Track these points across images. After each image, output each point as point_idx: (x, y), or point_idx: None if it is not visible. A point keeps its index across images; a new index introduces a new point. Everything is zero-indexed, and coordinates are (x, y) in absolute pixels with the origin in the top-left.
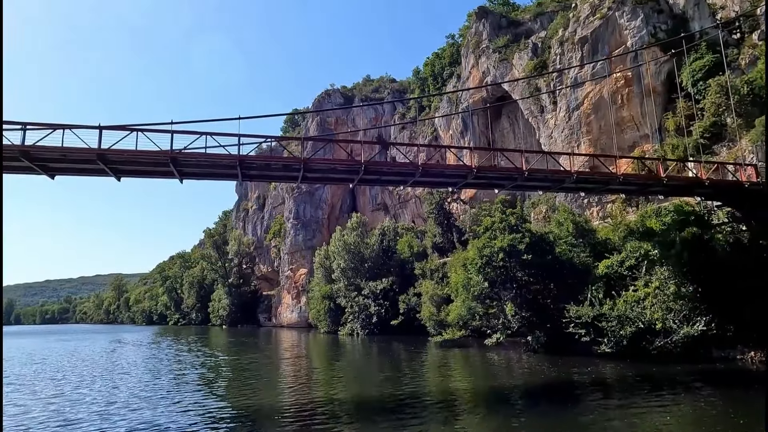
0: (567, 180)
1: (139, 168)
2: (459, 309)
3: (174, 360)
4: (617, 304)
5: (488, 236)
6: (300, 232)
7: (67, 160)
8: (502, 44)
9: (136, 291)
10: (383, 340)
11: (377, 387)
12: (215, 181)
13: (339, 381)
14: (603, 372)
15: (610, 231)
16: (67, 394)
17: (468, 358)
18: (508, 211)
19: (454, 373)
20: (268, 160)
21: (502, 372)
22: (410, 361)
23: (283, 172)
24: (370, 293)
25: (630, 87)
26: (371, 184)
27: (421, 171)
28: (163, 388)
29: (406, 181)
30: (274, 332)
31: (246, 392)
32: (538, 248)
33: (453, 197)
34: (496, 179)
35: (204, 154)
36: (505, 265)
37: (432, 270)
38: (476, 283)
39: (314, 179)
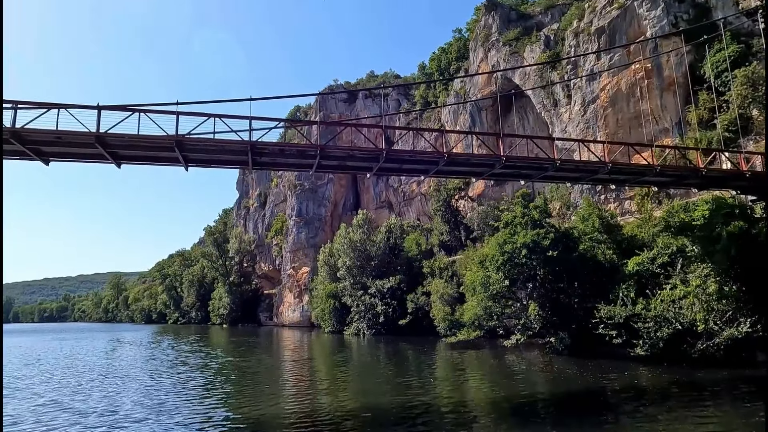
0: (601, 171)
1: (141, 153)
2: (474, 309)
3: (175, 362)
4: (653, 304)
5: (508, 232)
6: (302, 229)
7: (62, 143)
8: (513, 37)
9: (135, 289)
10: (390, 340)
11: (389, 394)
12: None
13: (347, 386)
14: (638, 377)
15: (636, 226)
16: (62, 401)
17: (484, 360)
18: (531, 206)
19: (472, 378)
20: (282, 146)
21: (525, 376)
22: (422, 364)
23: (297, 159)
24: (376, 292)
25: (649, 79)
26: (391, 173)
27: (447, 159)
28: (164, 393)
29: (428, 171)
30: (276, 332)
31: (251, 399)
32: (561, 245)
33: (460, 194)
34: (525, 169)
35: (212, 139)
36: (527, 262)
37: (441, 268)
38: (495, 281)
39: (330, 168)
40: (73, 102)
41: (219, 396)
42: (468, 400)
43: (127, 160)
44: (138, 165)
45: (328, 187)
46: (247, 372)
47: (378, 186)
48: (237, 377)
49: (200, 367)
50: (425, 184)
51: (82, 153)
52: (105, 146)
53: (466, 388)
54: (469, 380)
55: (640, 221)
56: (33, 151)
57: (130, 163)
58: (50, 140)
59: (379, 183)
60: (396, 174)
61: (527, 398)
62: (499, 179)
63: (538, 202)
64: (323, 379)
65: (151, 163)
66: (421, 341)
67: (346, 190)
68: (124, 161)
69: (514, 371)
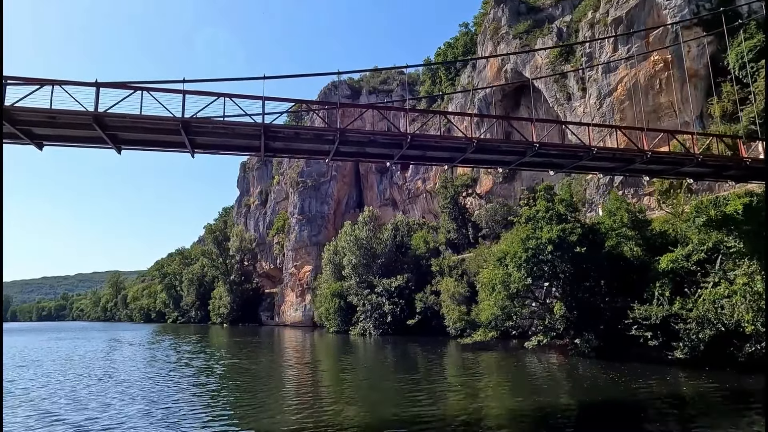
0: (638, 160)
1: (143, 136)
2: (492, 308)
3: (177, 364)
4: (697, 303)
5: (531, 227)
6: (305, 227)
7: (57, 124)
8: (523, 30)
9: (134, 288)
10: (398, 341)
11: (403, 402)
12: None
13: (357, 393)
14: (677, 383)
15: (663, 222)
16: (59, 412)
17: (503, 363)
18: (556, 199)
19: (492, 384)
20: (298, 129)
21: (551, 381)
22: (435, 367)
23: (313, 145)
24: (383, 291)
25: (669, 71)
26: (414, 161)
27: (476, 146)
28: (166, 401)
29: (454, 159)
30: (277, 331)
31: (256, 408)
32: (587, 240)
33: (468, 191)
34: (558, 158)
35: (222, 120)
36: (553, 258)
37: (450, 267)
38: (517, 279)
39: (348, 155)
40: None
41: (224, 402)
42: (490, 409)
43: (128, 145)
44: (139, 150)
45: (331, 184)
46: (251, 376)
47: (382, 183)
48: (242, 382)
49: (203, 370)
50: (431, 181)
51: (78, 136)
52: (104, 128)
53: (486, 395)
54: (489, 386)
55: (670, 216)
56: (24, 133)
57: (131, 148)
58: (43, 120)
59: (383, 180)
60: (418, 162)
61: (555, 407)
62: (528, 169)
63: (563, 195)
64: (330, 384)
65: (154, 148)
66: (430, 342)
67: (350, 188)
68: (124, 146)
69: (538, 375)
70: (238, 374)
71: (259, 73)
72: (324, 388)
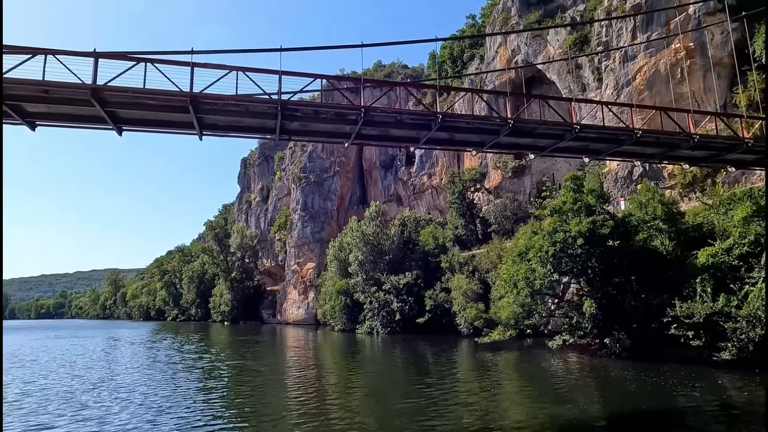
0: (683, 144)
1: (146, 115)
2: (512, 306)
3: (179, 366)
4: (748, 300)
5: (557, 220)
6: (308, 224)
7: (50, 99)
8: (534, 20)
9: (133, 286)
10: (408, 339)
11: (423, 412)
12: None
13: (369, 399)
14: (726, 387)
15: (695, 214)
16: (54, 423)
17: (525, 364)
18: (585, 189)
19: (518, 389)
20: (318, 107)
21: (585, 385)
22: (450, 368)
23: (333, 125)
24: (391, 288)
25: (692, 59)
26: (440, 145)
27: (511, 127)
28: (168, 408)
29: (484, 143)
30: (279, 330)
31: (263, 416)
32: (617, 234)
33: (476, 186)
34: (597, 142)
35: (235, 96)
36: (582, 252)
37: (460, 263)
38: (542, 275)
39: (370, 138)
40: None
41: (228, 407)
42: (518, 418)
43: (130, 125)
44: (142, 131)
45: (335, 180)
46: (256, 377)
47: (386, 179)
48: (247, 384)
49: (207, 372)
50: (437, 177)
51: (74, 114)
52: (103, 104)
53: (512, 401)
54: (514, 391)
55: (700, 208)
56: (14, 110)
57: (133, 128)
58: (35, 95)
59: (387, 176)
60: (444, 147)
61: (593, 416)
62: (561, 155)
63: (592, 185)
64: (339, 388)
65: (158, 129)
66: (441, 341)
67: (353, 183)
68: (125, 126)
69: (566, 378)
70: (243, 376)
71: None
72: (333, 393)
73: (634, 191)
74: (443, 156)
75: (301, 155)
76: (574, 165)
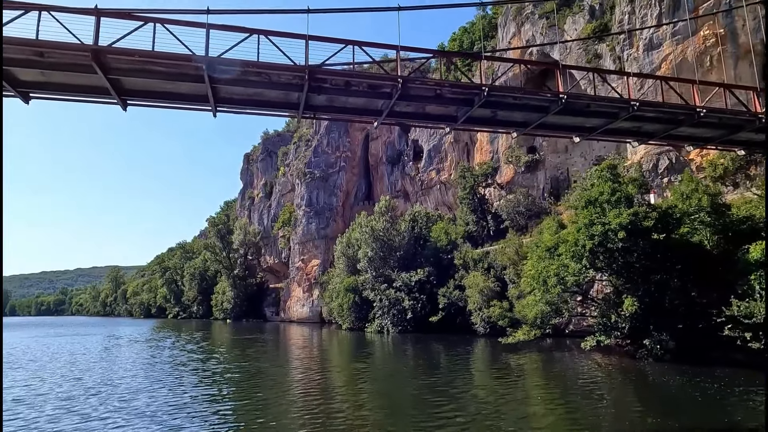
0: (747, 127)
1: (154, 85)
2: (539, 304)
3: (182, 367)
4: None
5: (593, 212)
6: (313, 220)
7: (46, 64)
8: (550, 9)
9: (134, 283)
10: (420, 339)
11: (451, 425)
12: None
13: (393, 410)
14: None
15: (740, 206)
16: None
17: (555, 366)
18: (625, 178)
19: (552, 397)
20: (350, 76)
21: (631, 392)
22: (476, 372)
23: (365, 99)
24: (403, 285)
25: (722, 46)
26: (479, 125)
27: (563, 104)
28: (171, 412)
29: (528, 123)
30: (283, 328)
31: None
32: (660, 227)
33: (488, 181)
34: (652, 122)
35: (257, 63)
36: (624, 247)
37: (474, 260)
38: (575, 271)
39: (403, 116)
40: None
41: (235, 414)
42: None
43: (136, 97)
44: (149, 106)
45: (340, 175)
46: (265, 381)
47: (393, 174)
48: (255, 389)
49: (212, 374)
50: (445, 172)
51: (73, 84)
52: (106, 70)
53: (546, 412)
54: (547, 398)
55: (742, 200)
56: (5, 78)
57: (138, 101)
58: (28, 58)
59: (394, 171)
60: (482, 128)
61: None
62: (607, 138)
63: (634, 175)
64: (353, 391)
65: (167, 103)
66: (457, 341)
67: (358, 179)
68: (131, 98)
69: (603, 383)
70: (249, 378)
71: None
72: (345, 397)
73: (659, 185)
74: (452, 150)
75: (305, 150)
76: (590, 160)
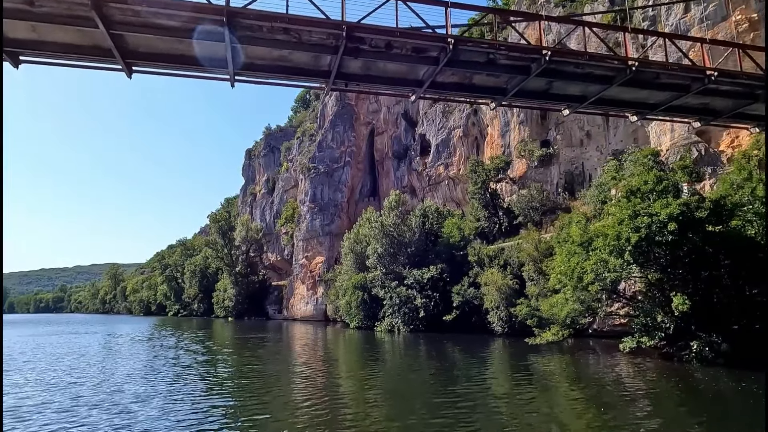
0: None
1: (163, 45)
2: (569, 303)
3: (185, 369)
4: None
5: (635, 203)
6: (317, 216)
7: (38, 16)
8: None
9: (134, 280)
10: (433, 338)
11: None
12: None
13: (411, 415)
14: None
15: None
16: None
17: (590, 372)
18: (674, 165)
19: (600, 404)
20: (391, 35)
21: (690, 402)
22: (499, 376)
23: (407, 65)
24: (414, 283)
25: (755, 32)
26: (529, 99)
27: (632, 73)
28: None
29: (586, 97)
30: (287, 326)
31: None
32: (713, 219)
33: (500, 176)
34: (727, 95)
35: (286, 16)
36: (674, 240)
37: (490, 256)
38: (616, 267)
39: (446, 87)
40: None
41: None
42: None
43: (142, 60)
44: (157, 72)
45: (345, 170)
46: (275, 386)
47: (399, 170)
48: (264, 394)
49: (219, 377)
50: (454, 167)
51: (71, 43)
52: (108, 24)
53: (583, 421)
54: (583, 407)
55: None
56: None
57: (145, 68)
58: (16, 8)
59: (401, 166)
60: (531, 103)
61: None
62: (664, 117)
63: (685, 161)
64: (366, 396)
65: (178, 68)
66: (471, 340)
67: (363, 175)
68: (136, 62)
69: (649, 391)
70: (257, 380)
71: None
72: (361, 402)
73: (695, 171)
74: (462, 145)
75: (309, 145)
76: (606, 154)
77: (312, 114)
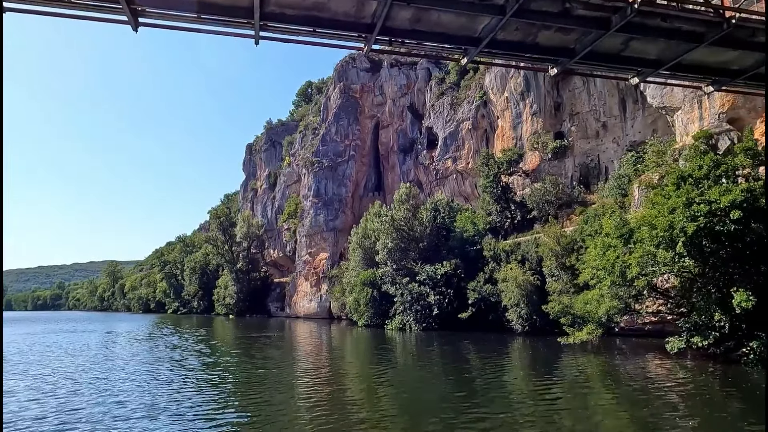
0: None
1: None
2: (606, 300)
3: (188, 371)
4: None
5: (688, 190)
6: (321, 211)
7: None
8: None
9: (132, 277)
10: (448, 337)
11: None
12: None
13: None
14: None
15: None
16: None
17: (629, 372)
18: (736, 147)
19: (652, 413)
20: None
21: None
22: (527, 379)
23: (466, 17)
24: (427, 279)
25: None
26: (601, 63)
27: (728, 28)
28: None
29: (662, 62)
30: (290, 324)
31: None
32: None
33: (512, 169)
34: None
35: None
36: (736, 230)
37: (507, 252)
38: (666, 260)
39: (505, 46)
40: None
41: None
42: None
43: (152, 8)
44: (167, 26)
45: (349, 164)
46: (283, 385)
47: (405, 164)
48: (272, 396)
49: (228, 379)
50: (462, 161)
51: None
52: None
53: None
54: (631, 416)
55: None
56: None
57: (153, 18)
58: None
59: (406, 160)
60: (598, 69)
61: None
62: (752, 89)
63: (748, 143)
64: (381, 398)
65: (191, 23)
66: (489, 339)
67: (368, 169)
68: (143, 12)
69: (705, 398)
70: (264, 381)
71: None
72: (375, 404)
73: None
74: (470, 138)
75: (312, 139)
76: (623, 146)
77: (315, 107)
